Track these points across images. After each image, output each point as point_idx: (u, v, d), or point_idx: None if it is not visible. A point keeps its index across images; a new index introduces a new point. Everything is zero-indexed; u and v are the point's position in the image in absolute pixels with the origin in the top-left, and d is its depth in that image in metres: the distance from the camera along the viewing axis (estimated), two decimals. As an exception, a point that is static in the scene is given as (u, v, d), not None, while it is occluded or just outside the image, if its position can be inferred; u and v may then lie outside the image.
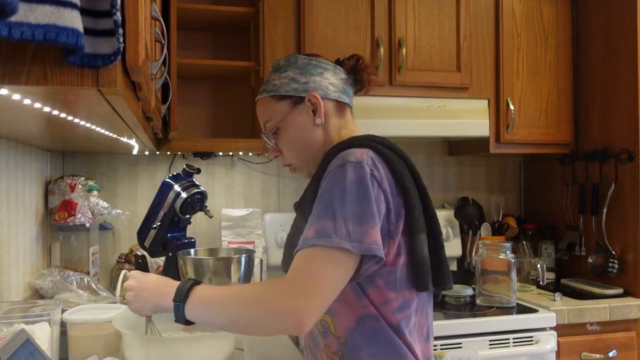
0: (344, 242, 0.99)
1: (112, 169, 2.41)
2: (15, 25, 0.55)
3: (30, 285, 1.78)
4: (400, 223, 1.10)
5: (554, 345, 2.00)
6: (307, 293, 0.98)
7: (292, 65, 1.24)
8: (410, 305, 1.14)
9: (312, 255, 1.01)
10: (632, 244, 2.22)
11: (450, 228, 2.60)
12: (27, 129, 1.27)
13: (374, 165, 1.09)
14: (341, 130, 1.25)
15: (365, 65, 1.27)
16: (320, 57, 1.25)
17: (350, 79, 1.27)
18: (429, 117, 2.29)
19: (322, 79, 1.22)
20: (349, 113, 1.28)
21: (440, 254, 1.18)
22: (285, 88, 1.22)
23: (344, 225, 1.00)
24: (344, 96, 1.25)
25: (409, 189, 1.12)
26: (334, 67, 1.25)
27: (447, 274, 1.19)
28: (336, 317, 1.14)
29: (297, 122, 1.22)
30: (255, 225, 2.43)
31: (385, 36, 2.26)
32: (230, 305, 1.05)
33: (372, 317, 1.11)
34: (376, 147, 1.13)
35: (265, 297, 1.01)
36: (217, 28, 2.45)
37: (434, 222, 1.18)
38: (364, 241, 1.00)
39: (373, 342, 1.12)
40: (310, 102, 1.21)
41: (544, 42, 2.47)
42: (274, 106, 1.24)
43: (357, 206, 1.02)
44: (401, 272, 1.11)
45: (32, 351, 0.97)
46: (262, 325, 1.02)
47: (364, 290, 1.11)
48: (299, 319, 0.96)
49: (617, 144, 2.28)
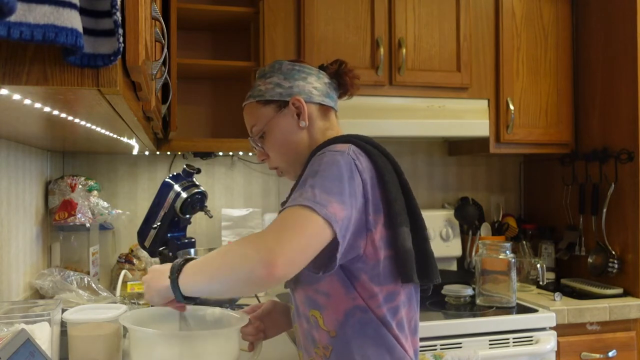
0: (308, 201, 1.01)
1: (112, 169, 2.41)
2: (14, 25, 0.55)
3: (31, 285, 1.78)
4: (380, 216, 1.12)
5: (554, 345, 2.00)
6: (277, 237, 0.98)
7: (276, 71, 1.28)
8: (396, 297, 1.15)
9: (283, 213, 1.03)
10: (632, 244, 2.22)
11: (450, 228, 2.60)
12: (27, 129, 1.27)
13: (356, 156, 1.12)
14: (326, 132, 1.28)
15: (348, 69, 1.32)
16: (304, 63, 1.30)
17: (333, 83, 1.31)
18: (429, 117, 2.30)
19: (306, 84, 1.27)
20: (334, 115, 1.32)
21: (426, 246, 1.20)
22: (270, 93, 1.27)
23: (311, 191, 1.03)
24: (328, 99, 1.29)
25: (389, 182, 1.14)
26: (317, 72, 1.30)
27: (434, 267, 1.20)
28: (325, 312, 1.15)
29: (282, 126, 1.26)
30: (255, 225, 2.43)
31: (385, 36, 2.26)
32: (212, 261, 1.07)
33: (361, 309, 1.13)
34: (358, 143, 1.17)
35: (239, 244, 1.03)
36: (217, 28, 2.45)
37: (417, 216, 1.20)
38: (327, 207, 1.01)
39: (362, 334, 1.13)
40: (294, 106, 1.25)
41: (543, 42, 2.47)
42: (259, 111, 1.28)
43: (326, 180, 1.05)
44: (384, 266, 1.13)
45: (32, 351, 0.97)
46: (236, 273, 1.01)
47: (352, 283, 1.13)
48: (269, 260, 0.95)
49: (617, 144, 2.28)
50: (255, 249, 0.98)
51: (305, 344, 1.23)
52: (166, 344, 1.16)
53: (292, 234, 0.99)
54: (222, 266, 1.04)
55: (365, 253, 1.12)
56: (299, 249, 0.99)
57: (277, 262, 0.95)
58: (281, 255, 0.96)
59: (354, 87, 1.33)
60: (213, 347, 1.18)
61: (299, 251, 0.99)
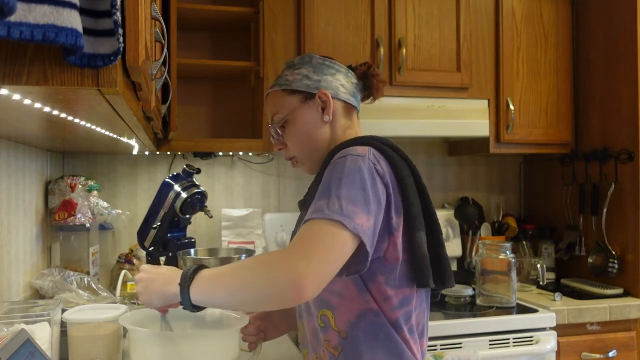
0: (335, 214, 0.99)
1: (112, 169, 2.41)
2: (14, 25, 0.55)
3: (30, 285, 1.78)
4: (400, 219, 1.12)
5: (554, 345, 2.00)
6: (306, 257, 0.96)
7: (306, 64, 1.27)
8: (410, 302, 1.15)
9: (309, 227, 1.01)
10: (632, 244, 2.22)
11: (450, 228, 2.60)
12: (27, 129, 1.27)
13: (376, 160, 1.11)
14: (347, 131, 1.28)
15: (376, 72, 1.32)
16: (334, 60, 1.29)
17: (360, 85, 1.31)
18: (429, 117, 2.29)
19: (334, 79, 1.26)
20: (356, 116, 1.32)
21: (441, 251, 1.20)
22: (297, 84, 1.26)
23: (337, 202, 1.01)
24: (353, 99, 1.29)
25: (408, 186, 1.14)
26: (347, 71, 1.29)
27: (449, 272, 1.20)
28: (337, 312, 1.15)
29: (306, 117, 1.25)
30: (255, 225, 2.43)
31: (385, 36, 2.26)
32: (232, 276, 1.04)
33: (373, 312, 1.12)
34: (378, 145, 1.16)
35: (265, 263, 1.01)
36: (217, 28, 2.45)
37: (434, 221, 1.20)
38: (354, 219, 1.00)
39: (373, 337, 1.13)
40: (321, 99, 1.24)
41: (544, 42, 2.47)
42: (284, 99, 1.27)
43: (351, 189, 1.03)
44: (401, 270, 1.13)
45: (32, 351, 0.97)
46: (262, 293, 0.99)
47: (366, 284, 1.12)
48: (300, 283, 0.94)
49: (617, 144, 2.28)
50: (283, 270, 0.96)
51: (313, 342, 1.22)
52: (166, 344, 1.16)
53: (322, 252, 0.97)
54: (246, 284, 1.01)
55: (386, 256, 1.11)
56: (328, 267, 0.98)
57: (306, 284, 0.94)
58: (310, 277, 0.94)
59: (380, 91, 1.33)
60: (213, 348, 1.18)
61: (328, 270, 0.98)
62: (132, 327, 1.18)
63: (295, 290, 0.94)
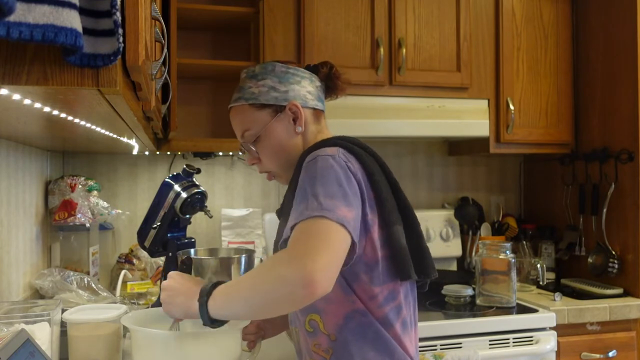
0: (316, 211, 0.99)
1: (112, 169, 2.41)
2: (13, 25, 0.55)
3: (30, 285, 1.78)
4: (375, 216, 1.13)
5: (554, 345, 2.00)
6: (309, 253, 0.96)
7: (269, 74, 1.25)
8: (397, 296, 1.16)
9: (298, 231, 1.01)
10: (632, 244, 2.22)
11: (450, 228, 2.60)
12: (27, 129, 1.27)
13: (346, 158, 1.12)
14: (317, 135, 1.28)
15: (339, 73, 1.32)
16: (296, 66, 1.28)
17: (323, 86, 1.31)
18: (429, 117, 2.30)
19: (301, 88, 1.25)
20: (324, 118, 1.32)
21: (420, 242, 1.20)
22: (265, 97, 1.24)
23: (315, 200, 1.01)
24: (320, 104, 1.29)
25: (379, 182, 1.14)
26: (310, 75, 1.29)
27: (430, 262, 1.20)
28: (324, 315, 1.15)
29: (279, 131, 1.25)
30: (255, 225, 2.43)
31: (385, 36, 2.26)
32: (245, 286, 1.04)
33: (360, 312, 1.13)
34: (346, 145, 1.17)
35: (271, 266, 1.00)
36: (217, 28, 2.45)
37: (409, 213, 1.20)
38: (336, 211, 1.00)
39: (362, 337, 1.13)
40: (291, 111, 1.24)
41: (544, 42, 2.47)
42: (253, 115, 1.26)
43: (327, 186, 1.04)
44: (383, 266, 1.13)
45: (32, 351, 0.97)
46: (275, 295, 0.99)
47: (350, 286, 1.12)
48: (310, 278, 0.93)
49: (617, 144, 2.28)
50: (290, 269, 0.95)
51: (306, 346, 1.22)
52: (169, 344, 1.16)
53: (320, 246, 0.97)
54: (258, 290, 1.01)
55: (365, 252, 1.12)
56: (332, 260, 0.98)
57: (315, 279, 0.94)
58: (318, 272, 0.94)
59: (343, 91, 1.33)
60: (215, 347, 1.18)
61: (332, 262, 0.98)
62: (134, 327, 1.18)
63: (307, 287, 0.94)
